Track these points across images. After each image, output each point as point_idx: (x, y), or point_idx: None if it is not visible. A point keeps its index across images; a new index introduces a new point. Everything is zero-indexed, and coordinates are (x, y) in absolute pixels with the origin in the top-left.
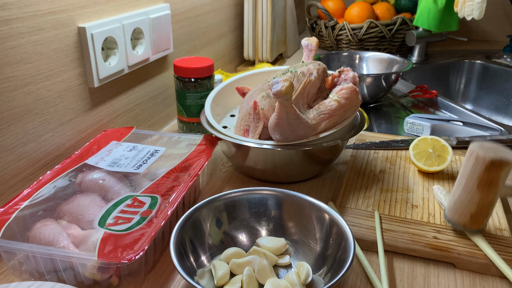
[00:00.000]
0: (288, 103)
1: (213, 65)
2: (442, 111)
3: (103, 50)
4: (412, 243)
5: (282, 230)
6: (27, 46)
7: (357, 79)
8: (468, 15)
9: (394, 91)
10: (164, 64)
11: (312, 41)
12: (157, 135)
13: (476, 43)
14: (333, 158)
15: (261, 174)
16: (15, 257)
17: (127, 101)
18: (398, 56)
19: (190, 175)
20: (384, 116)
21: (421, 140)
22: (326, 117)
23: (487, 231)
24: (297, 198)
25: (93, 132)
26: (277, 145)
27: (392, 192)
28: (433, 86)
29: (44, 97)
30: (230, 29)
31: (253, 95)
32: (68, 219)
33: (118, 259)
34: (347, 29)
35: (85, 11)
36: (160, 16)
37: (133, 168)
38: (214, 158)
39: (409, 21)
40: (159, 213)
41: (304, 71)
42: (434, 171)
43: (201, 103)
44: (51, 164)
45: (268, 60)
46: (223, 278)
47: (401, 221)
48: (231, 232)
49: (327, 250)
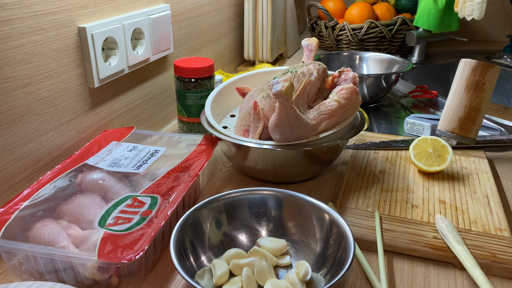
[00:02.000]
0: (288, 103)
1: (213, 65)
2: (442, 111)
3: (103, 50)
4: (412, 243)
5: (282, 230)
6: (27, 46)
7: (357, 79)
8: (468, 15)
9: (394, 91)
10: (164, 64)
11: (312, 41)
12: (157, 135)
13: (476, 43)
14: (333, 158)
15: (261, 174)
16: (15, 257)
17: (127, 101)
18: (398, 56)
19: (190, 175)
20: (384, 116)
21: (421, 140)
22: (326, 117)
23: (487, 231)
24: (297, 198)
25: (93, 132)
26: (277, 145)
27: (392, 192)
28: (433, 86)
29: (44, 97)
30: (230, 29)
31: (253, 95)
32: (68, 219)
33: (118, 259)
34: (347, 29)
35: (85, 11)
36: (160, 16)
37: (133, 168)
38: (214, 158)
39: (409, 21)
40: (159, 213)
41: (304, 71)
42: (434, 171)
43: (201, 103)
44: (51, 164)
45: (268, 61)
46: (222, 278)
47: (401, 221)
48: (231, 232)
49: (327, 250)
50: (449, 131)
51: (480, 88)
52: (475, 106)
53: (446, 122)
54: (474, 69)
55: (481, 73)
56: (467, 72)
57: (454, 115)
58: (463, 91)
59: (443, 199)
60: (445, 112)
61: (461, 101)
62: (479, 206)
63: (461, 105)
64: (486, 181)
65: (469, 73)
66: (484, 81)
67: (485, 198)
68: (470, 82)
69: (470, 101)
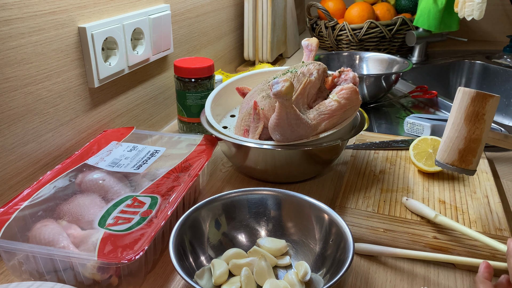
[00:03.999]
0: (288, 103)
1: (213, 65)
2: (442, 111)
3: (103, 50)
4: (412, 243)
5: (281, 231)
6: (27, 46)
7: (357, 79)
8: (468, 16)
9: (394, 91)
10: (164, 64)
11: (312, 41)
12: (157, 135)
13: (476, 43)
14: (333, 158)
15: (261, 174)
16: (15, 257)
17: (127, 101)
18: (398, 56)
19: (190, 175)
20: (384, 116)
21: (421, 140)
22: (326, 117)
23: (487, 231)
24: (296, 199)
25: (93, 132)
26: (277, 145)
27: (392, 192)
28: (433, 86)
29: (44, 97)
30: (230, 29)
31: (253, 95)
32: (68, 219)
33: (118, 259)
34: (347, 30)
35: (85, 11)
36: (160, 16)
37: (133, 168)
38: (214, 158)
39: (409, 21)
40: (159, 213)
41: (304, 71)
42: (434, 171)
43: (201, 103)
44: (51, 164)
45: (268, 61)
46: (221, 277)
47: (401, 221)
48: (231, 232)
49: (326, 251)
50: (448, 163)
51: (480, 119)
52: (475, 138)
53: (445, 154)
54: (473, 100)
55: (481, 103)
56: (465, 103)
57: (453, 147)
58: (462, 122)
59: (443, 199)
60: (444, 143)
61: (461, 132)
62: (479, 206)
63: (461, 137)
64: (486, 181)
65: (468, 104)
66: (484, 112)
67: (485, 198)
68: (470, 113)
69: (470, 133)
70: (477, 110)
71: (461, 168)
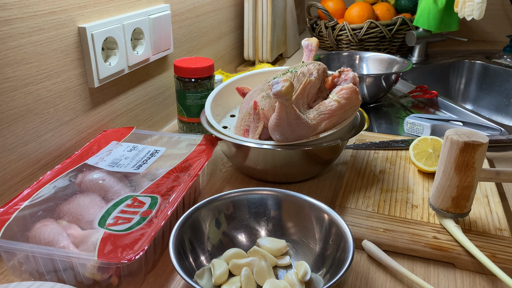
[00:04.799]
0: (288, 103)
1: (213, 65)
2: (442, 111)
3: (103, 50)
4: (412, 243)
5: (281, 231)
6: (27, 46)
7: (357, 79)
8: (468, 15)
9: (394, 91)
10: (164, 64)
11: (312, 41)
12: (157, 135)
13: (476, 43)
14: (333, 158)
15: (261, 174)
16: (15, 257)
17: (127, 101)
18: (398, 56)
19: (190, 175)
20: (384, 116)
21: (421, 140)
22: (326, 117)
23: (487, 231)
24: (296, 199)
25: (93, 132)
26: (277, 145)
27: (392, 192)
28: (433, 86)
29: (44, 97)
30: (230, 29)
31: (253, 95)
32: (68, 219)
33: (118, 259)
34: (347, 29)
35: (85, 11)
36: (160, 16)
37: (133, 168)
38: (214, 158)
39: (409, 21)
40: (159, 213)
41: (304, 71)
42: (434, 171)
43: (201, 103)
44: (51, 164)
45: (268, 60)
46: (221, 277)
47: (401, 221)
48: (231, 232)
49: (326, 251)
50: (443, 209)
51: (470, 168)
52: (467, 185)
53: (439, 200)
54: (462, 151)
55: (470, 153)
56: (454, 153)
57: (446, 194)
58: (453, 171)
59: None
60: (437, 189)
61: (452, 181)
62: (479, 206)
63: (453, 185)
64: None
65: (457, 155)
66: (474, 161)
67: (485, 198)
68: (460, 163)
69: (461, 181)
70: (467, 160)
71: (456, 214)
